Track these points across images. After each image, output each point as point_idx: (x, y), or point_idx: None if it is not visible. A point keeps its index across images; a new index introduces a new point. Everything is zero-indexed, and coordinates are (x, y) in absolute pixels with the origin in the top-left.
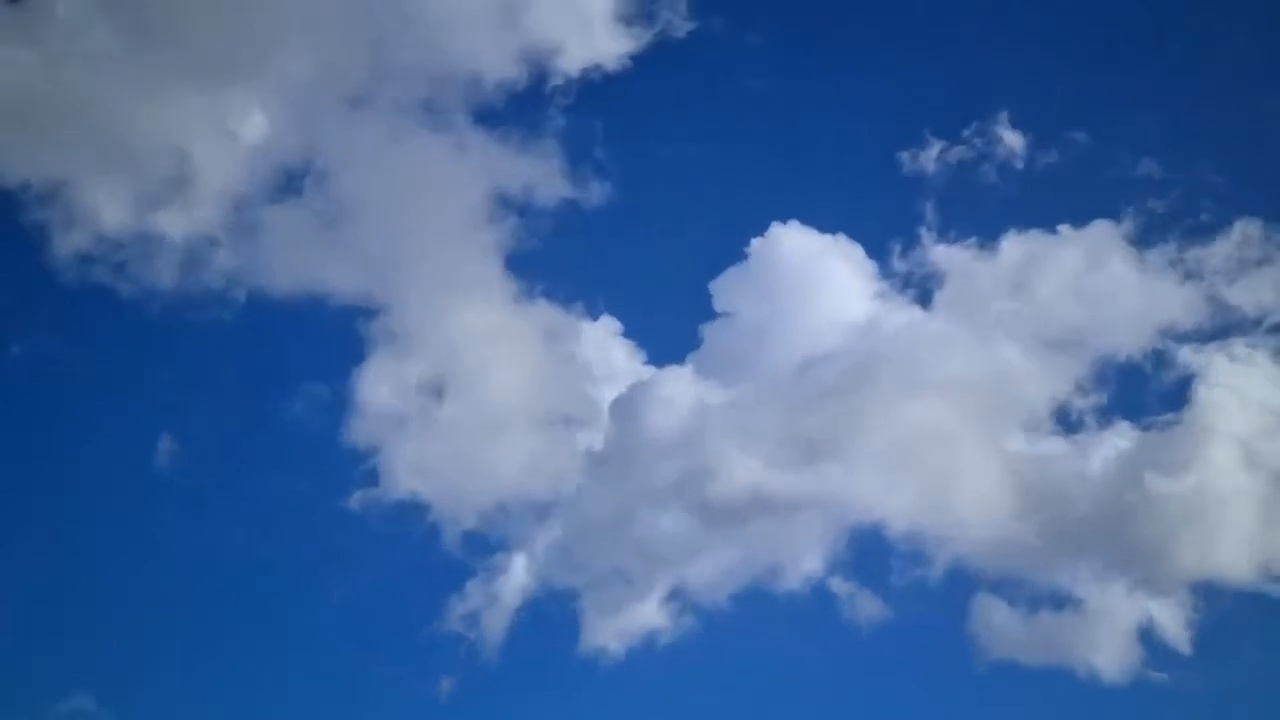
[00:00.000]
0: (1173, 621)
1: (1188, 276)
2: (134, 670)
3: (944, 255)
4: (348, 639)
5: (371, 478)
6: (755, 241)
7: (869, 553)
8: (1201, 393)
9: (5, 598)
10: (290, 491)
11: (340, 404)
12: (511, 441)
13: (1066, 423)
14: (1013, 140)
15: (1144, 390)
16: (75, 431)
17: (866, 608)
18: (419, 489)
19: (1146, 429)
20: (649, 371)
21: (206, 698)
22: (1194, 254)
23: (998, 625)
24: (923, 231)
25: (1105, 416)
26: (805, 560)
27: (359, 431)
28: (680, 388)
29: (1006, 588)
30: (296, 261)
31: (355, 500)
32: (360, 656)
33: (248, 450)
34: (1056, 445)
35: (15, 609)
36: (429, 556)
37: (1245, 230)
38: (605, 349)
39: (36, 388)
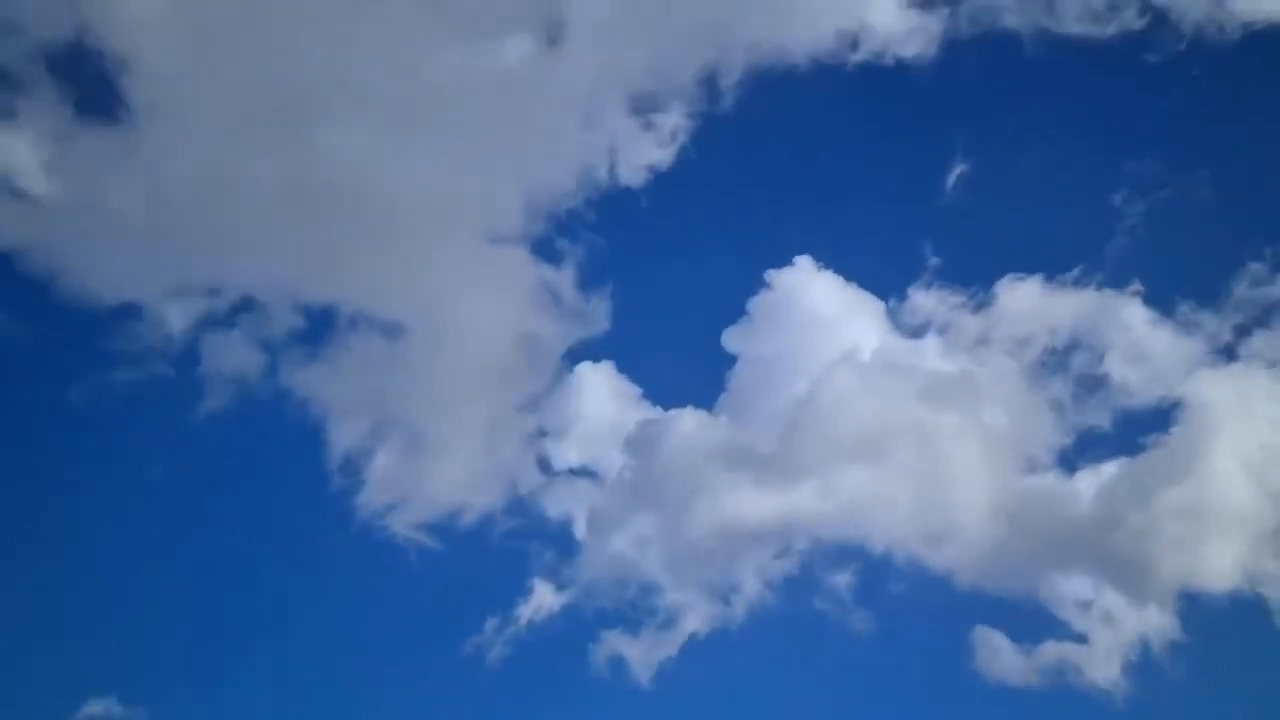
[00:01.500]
0: (1167, 639)
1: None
2: (157, 673)
3: (947, 297)
4: (370, 652)
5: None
6: (760, 291)
7: (874, 577)
8: (1190, 412)
9: (25, 603)
10: (313, 503)
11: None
12: (522, 470)
13: (1062, 456)
14: (1013, 183)
15: (1135, 418)
16: (86, 438)
17: (873, 631)
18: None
19: (1137, 454)
20: (653, 411)
21: (228, 702)
22: (1192, 299)
23: (994, 648)
24: (929, 272)
25: (1099, 448)
26: (813, 587)
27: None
28: (685, 426)
29: (1003, 610)
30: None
31: (377, 520)
32: (379, 671)
33: (266, 462)
34: (1052, 476)
35: (35, 614)
36: (444, 582)
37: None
38: (608, 390)
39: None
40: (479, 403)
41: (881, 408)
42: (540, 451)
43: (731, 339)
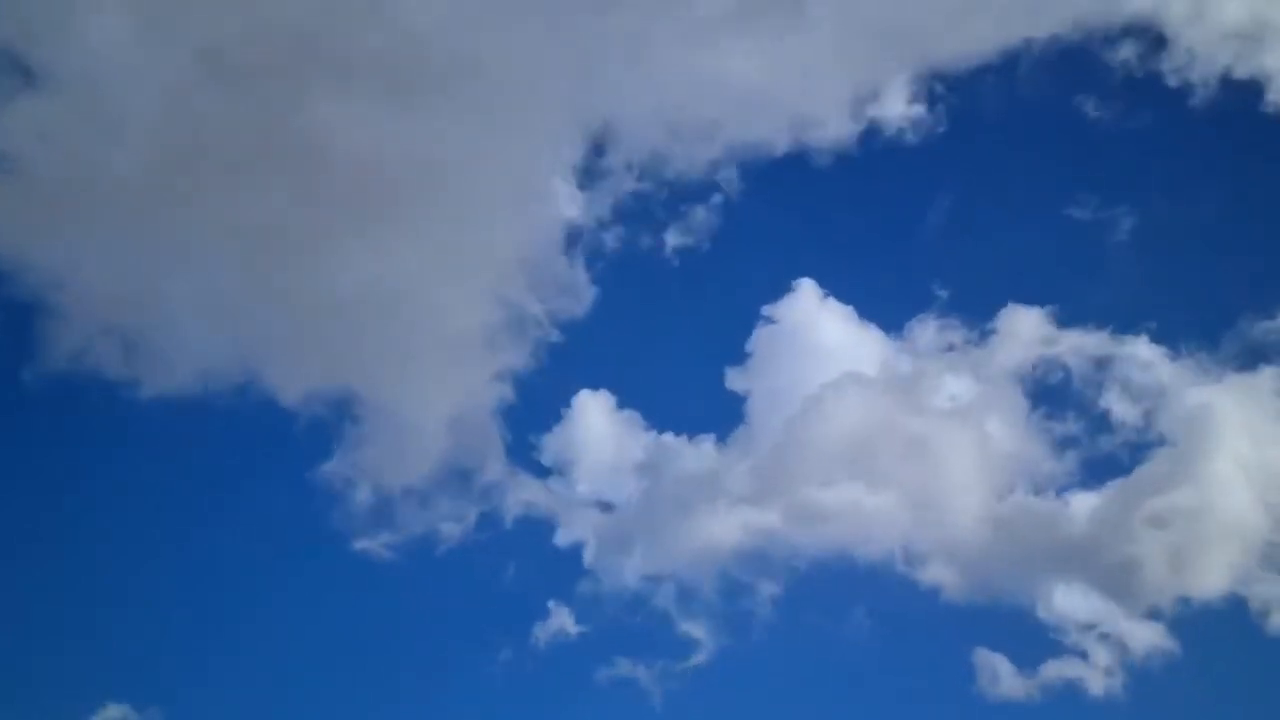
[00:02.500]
0: (1166, 652)
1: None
2: (169, 678)
3: (948, 323)
4: (383, 662)
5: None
6: (763, 319)
7: (880, 600)
8: (1184, 426)
9: (37, 609)
10: (306, 503)
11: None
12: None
13: (1060, 476)
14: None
15: (1131, 437)
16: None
17: (877, 652)
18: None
19: (1133, 470)
20: (656, 439)
21: (242, 705)
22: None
23: (995, 670)
24: (931, 299)
25: (1097, 468)
26: (821, 611)
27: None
28: (688, 454)
29: (1003, 630)
30: None
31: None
32: (393, 683)
33: (246, 454)
34: (1051, 495)
35: (45, 620)
36: (452, 599)
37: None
38: (609, 418)
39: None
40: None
41: (883, 431)
42: (545, 479)
43: (735, 374)
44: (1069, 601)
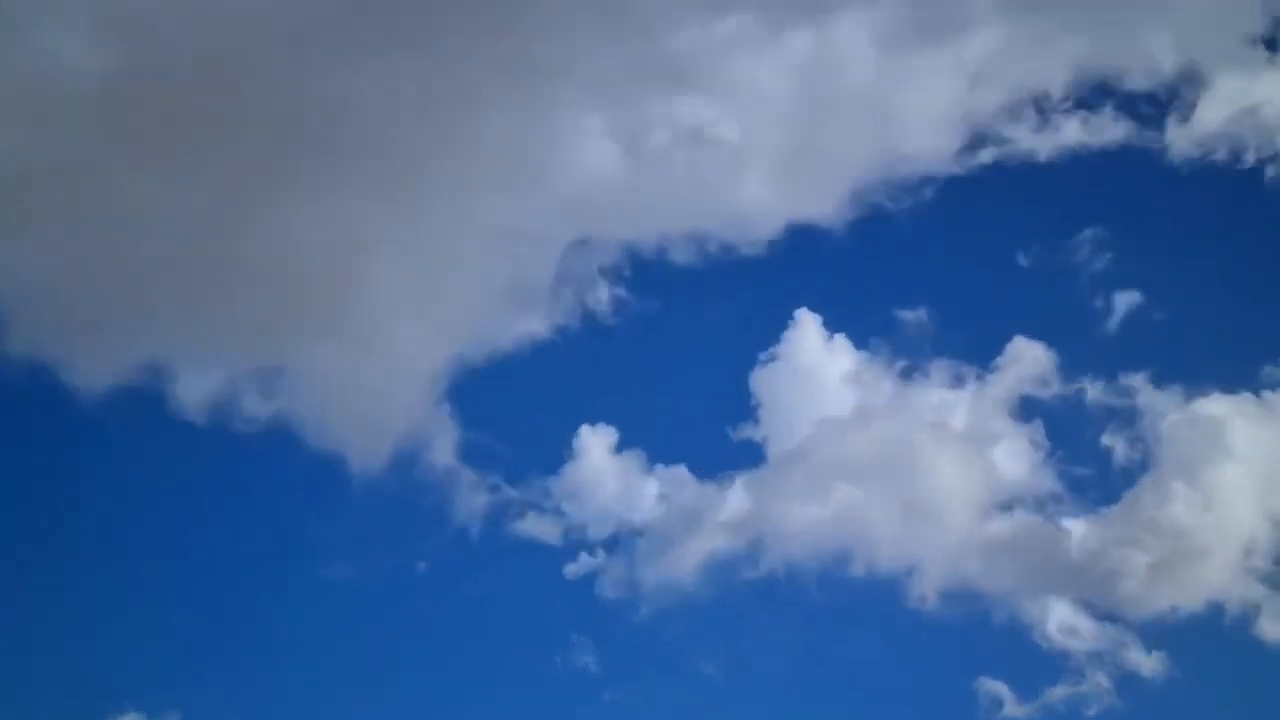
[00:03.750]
0: (1164, 668)
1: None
2: (181, 685)
3: (949, 353)
4: (402, 670)
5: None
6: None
7: (885, 625)
8: (1173, 445)
9: (48, 616)
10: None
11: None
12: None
13: (1059, 498)
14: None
15: (1127, 462)
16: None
17: (881, 679)
18: None
19: (1128, 489)
20: (655, 474)
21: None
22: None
23: (996, 696)
24: (932, 331)
25: (1095, 492)
26: (829, 636)
27: None
28: (689, 486)
29: (1002, 654)
30: None
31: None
32: (409, 689)
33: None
34: (1051, 516)
35: (57, 627)
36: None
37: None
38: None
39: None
40: None
41: (885, 458)
42: (552, 510)
43: (738, 404)
44: (1069, 623)
